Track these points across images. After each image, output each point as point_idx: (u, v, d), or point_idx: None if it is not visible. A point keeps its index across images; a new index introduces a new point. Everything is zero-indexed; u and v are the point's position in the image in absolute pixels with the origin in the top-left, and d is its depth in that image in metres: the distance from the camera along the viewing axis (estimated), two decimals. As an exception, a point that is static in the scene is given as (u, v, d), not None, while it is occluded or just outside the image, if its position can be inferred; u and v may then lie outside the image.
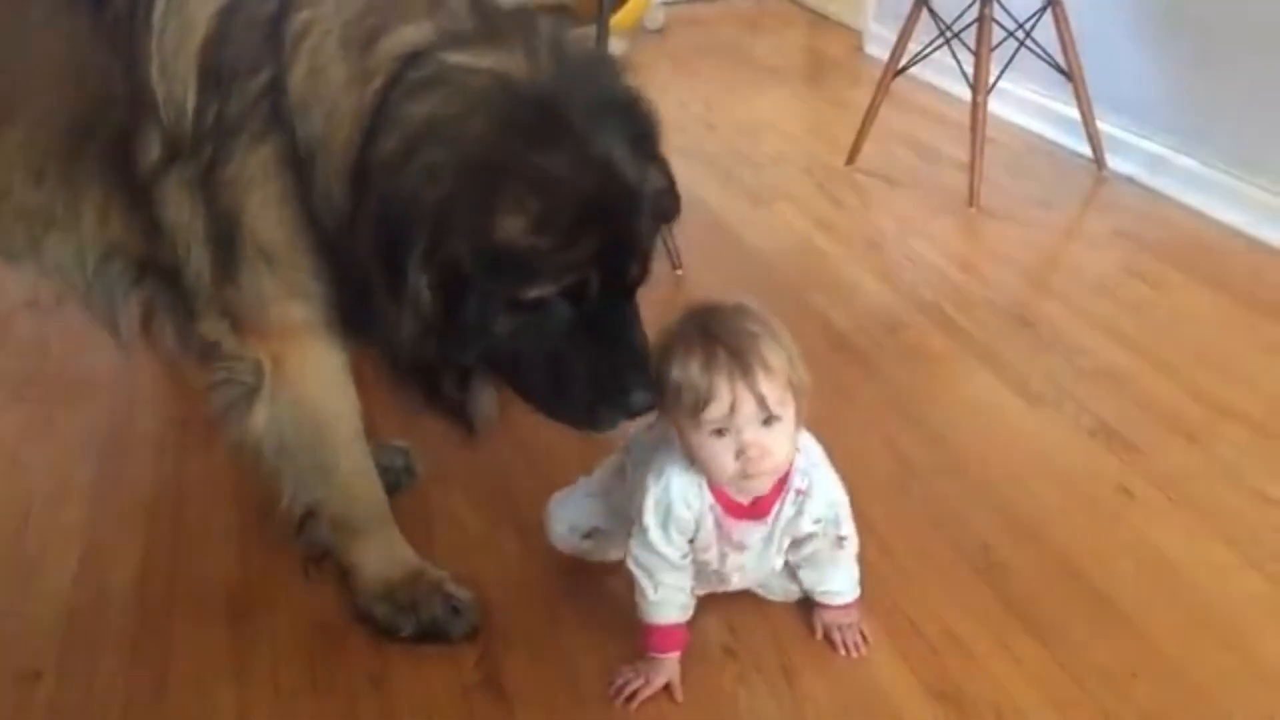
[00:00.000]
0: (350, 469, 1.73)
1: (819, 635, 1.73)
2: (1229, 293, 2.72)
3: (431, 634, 1.73)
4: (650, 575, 1.60)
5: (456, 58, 1.40)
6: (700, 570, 1.65)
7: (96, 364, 2.53)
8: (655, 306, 1.60)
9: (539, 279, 1.43)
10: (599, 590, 1.83)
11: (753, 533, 1.62)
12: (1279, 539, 1.90)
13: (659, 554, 1.59)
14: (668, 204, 1.55)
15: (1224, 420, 2.23)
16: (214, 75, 1.49)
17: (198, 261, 1.57)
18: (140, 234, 1.62)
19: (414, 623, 1.74)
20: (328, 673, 1.71)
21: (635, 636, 1.65)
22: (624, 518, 1.69)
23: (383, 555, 1.79)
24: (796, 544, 1.66)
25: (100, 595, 1.87)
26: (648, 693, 1.62)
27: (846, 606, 1.73)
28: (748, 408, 1.47)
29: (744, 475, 1.51)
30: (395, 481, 1.98)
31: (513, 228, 1.38)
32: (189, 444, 2.25)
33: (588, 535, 1.81)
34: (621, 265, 1.47)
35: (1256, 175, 2.99)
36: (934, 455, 2.16)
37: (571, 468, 2.05)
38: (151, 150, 1.53)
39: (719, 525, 1.60)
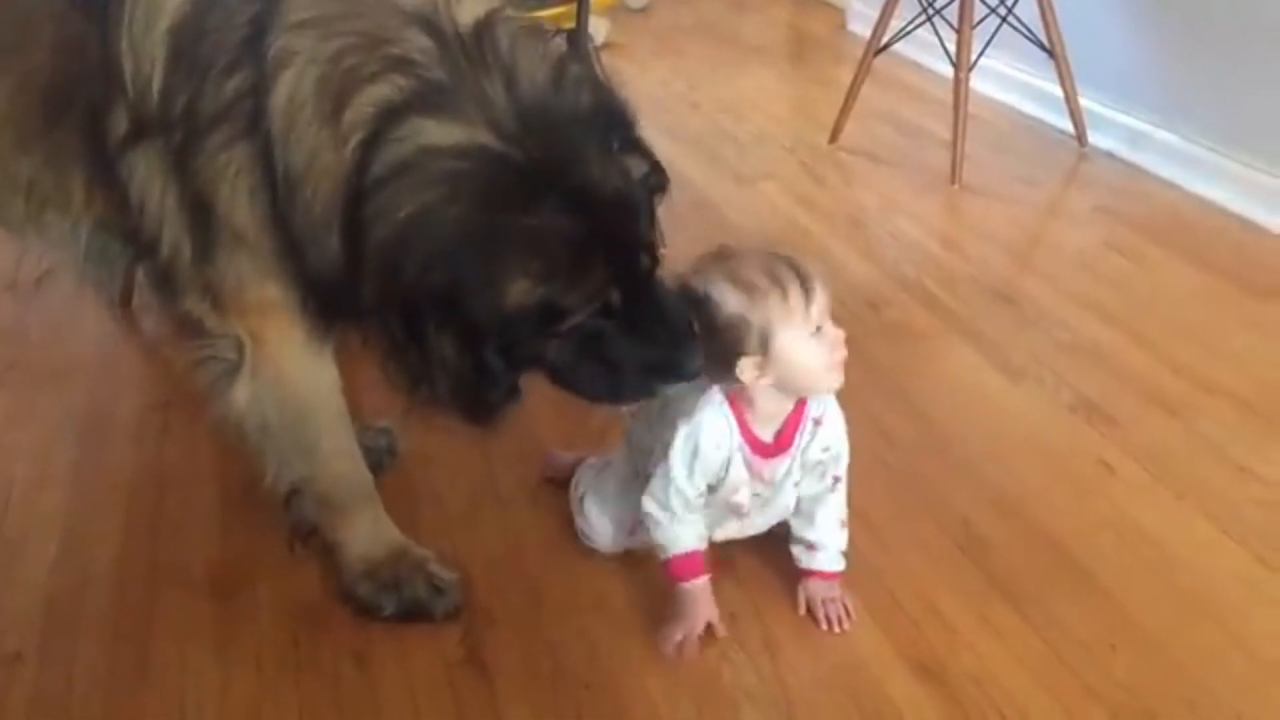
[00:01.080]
0: (333, 447, 1.73)
1: (803, 610, 1.74)
2: (1209, 268, 2.72)
3: (415, 613, 1.74)
4: (667, 509, 1.66)
5: (426, 135, 1.39)
6: (731, 512, 1.74)
7: (77, 348, 2.52)
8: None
9: (562, 318, 1.46)
10: (581, 569, 1.84)
11: (779, 467, 1.70)
12: (1259, 513, 1.92)
13: (680, 490, 1.65)
14: (655, 182, 1.56)
15: (1204, 395, 2.24)
16: (186, 61, 1.48)
17: (174, 239, 1.57)
18: (122, 211, 1.61)
19: (397, 601, 1.74)
20: (311, 651, 1.71)
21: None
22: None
23: (367, 534, 1.79)
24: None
25: (81, 577, 1.87)
26: (695, 638, 1.67)
27: (828, 578, 1.74)
28: (827, 305, 1.62)
29: (834, 367, 1.63)
30: (378, 462, 1.98)
31: (520, 291, 1.41)
32: (170, 426, 2.24)
33: (632, 532, 1.81)
34: (634, 266, 1.49)
35: (1237, 150, 3.00)
36: (916, 431, 2.17)
37: (555, 445, 2.06)
38: (120, 125, 1.53)
39: (748, 465, 1.68)
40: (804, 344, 1.59)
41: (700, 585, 1.69)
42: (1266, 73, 2.89)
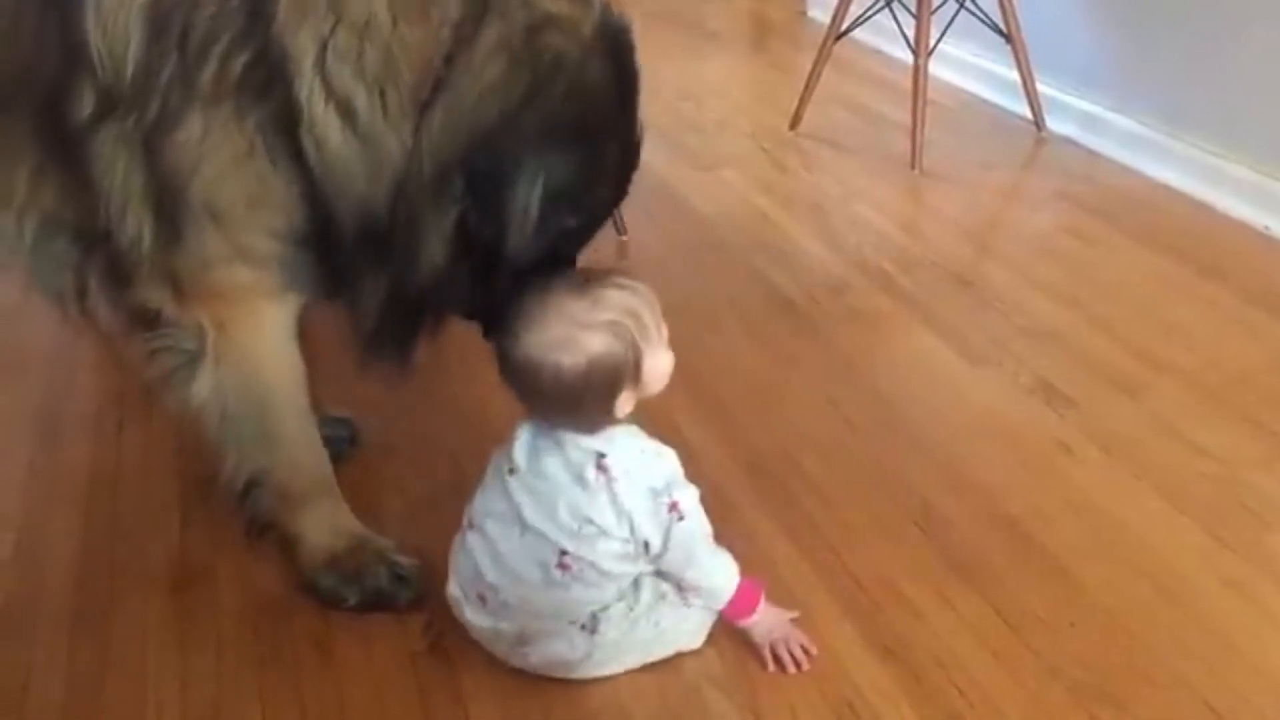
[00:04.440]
0: (294, 436, 1.72)
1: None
2: (1164, 250, 2.76)
3: (377, 603, 1.73)
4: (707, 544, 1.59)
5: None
6: None
7: (29, 340, 2.48)
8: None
9: (586, 210, 1.60)
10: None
11: None
12: (1211, 490, 1.95)
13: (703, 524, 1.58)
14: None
15: (1160, 375, 2.27)
16: (171, 34, 1.47)
17: (135, 224, 1.55)
18: (74, 200, 1.59)
19: (359, 592, 1.73)
20: (273, 643, 1.69)
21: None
22: None
23: (327, 525, 1.78)
24: None
25: (38, 574, 1.84)
26: (796, 643, 1.62)
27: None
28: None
29: None
30: (338, 451, 1.96)
31: (612, 154, 1.58)
32: (126, 418, 2.22)
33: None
34: (614, 207, 1.68)
35: (1188, 133, 3.03)
36: (876, 414, 2.18)
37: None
38: (84, 106, 1.51)
39: None
40: (662, 355, 1.56)
41: (765, 609, 1.63)
42: (1213, 58, 2.93)
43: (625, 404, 1.54)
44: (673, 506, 1.54)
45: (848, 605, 1.73)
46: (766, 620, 1.63)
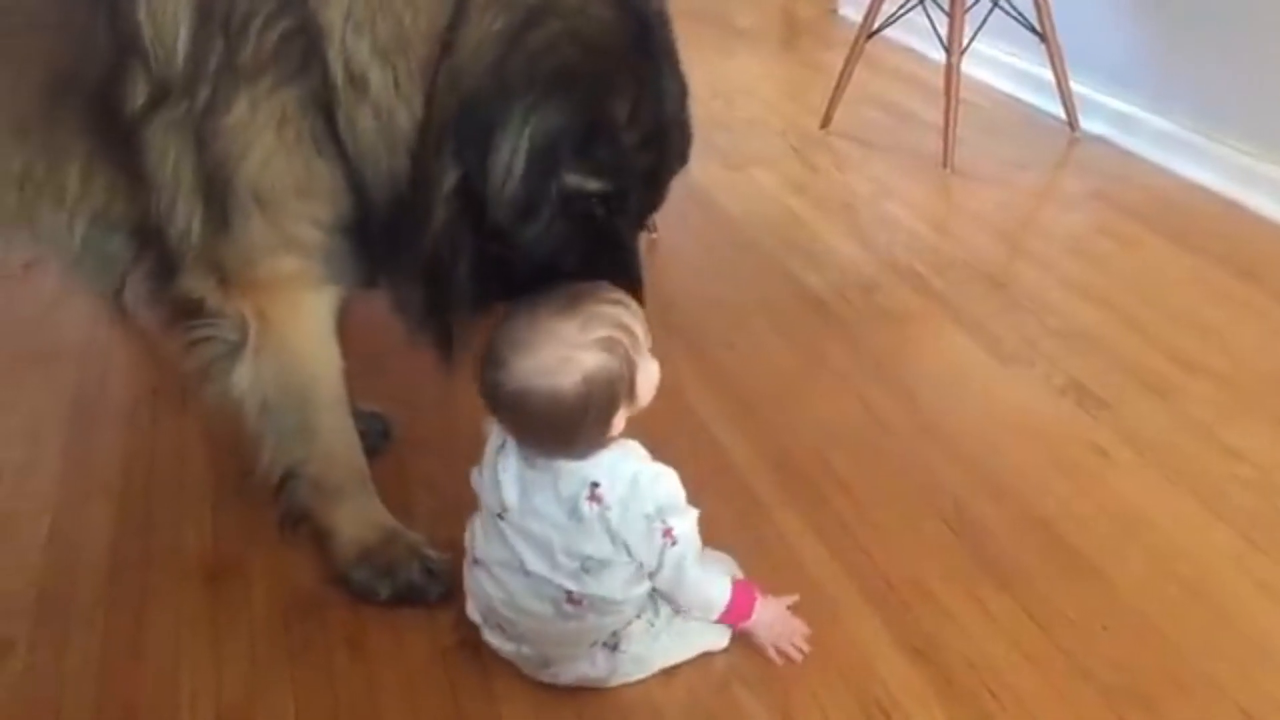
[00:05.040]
0: (332, 429, 1.73)
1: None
2: (1199, 252, 2.73)
3: (408, 597, 1.74)
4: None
5: None
6: None
7: (65, 331, 2.51)
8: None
9: (612, 174, 1.50)
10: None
11: None
12: (1246, 494, 1.93)
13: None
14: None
15: (1193, 377, 2.25)
16: (216, 18, 1.48)
17: (184, 214, 1.56)
18: (123, 195, 1.61)
19: (391, 585, 1.74)
20: (305, 636, 1.71)
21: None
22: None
23: (360, 518, 1.79)
24: None
25: (73, 563, 1.86)
26: (798, 636, 1.63)
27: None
28: None
29: None
30: (371, 446, 1.97)
31: (618, 112, 1.47)
32: (160, 411, 2.24)
33: None
34: (656, 192, 1.56)
35: (1225, 134, 3.00)
36: (907, 414, 2.17)
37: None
38: (136, 95, 1.52)
39: None
40: (653, 367, 1.53)
41: (763, 602, 1.62)
42: (1249, 58, 2.90)
43: (620, 422, 1.50)
44: (666, 533, 1.50)
45: (878, 605, 1.72)
46: (765, 618, 1.62)
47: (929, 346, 2.45)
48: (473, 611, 1.64)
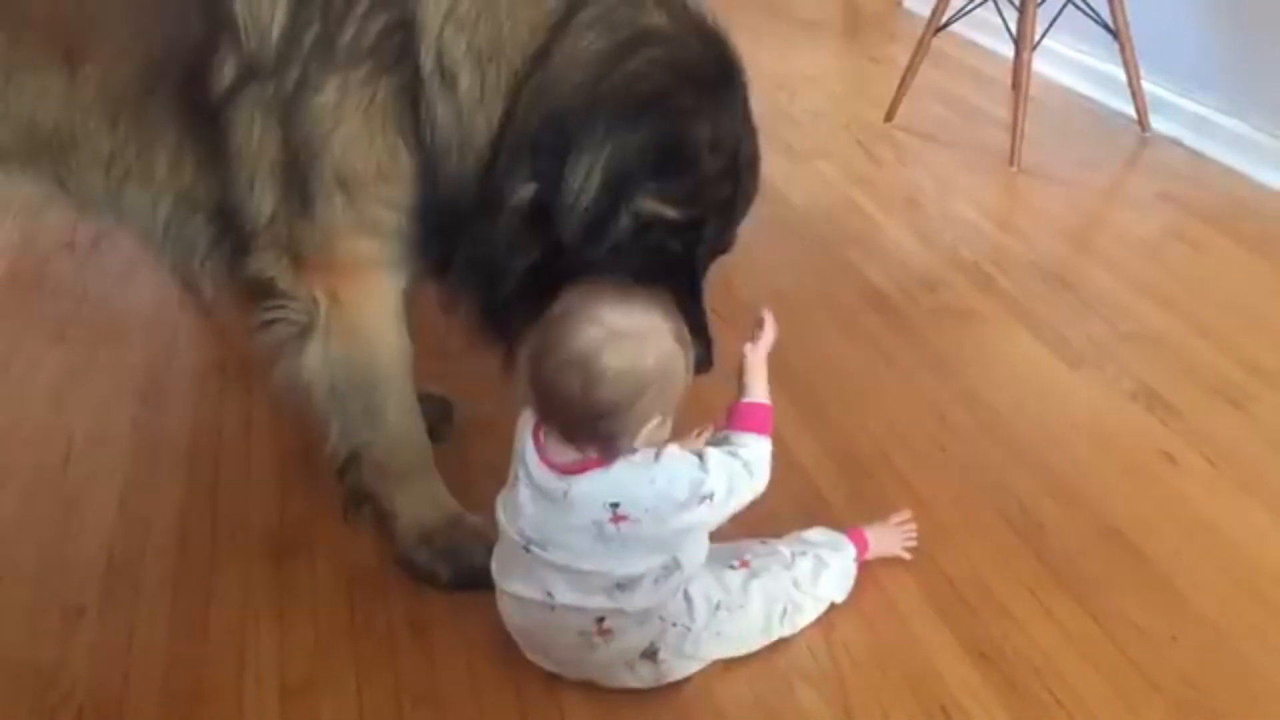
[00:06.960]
0: (398, 412, 1.74)
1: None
2: (1272, 257, 2.68)
3: (469, 580, 1.73)
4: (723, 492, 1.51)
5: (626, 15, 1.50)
6: None
7: (134, 306, 2.55)
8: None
9: (689, 203, 1.53)
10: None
11: None
12: (1321, 506, 1.89)
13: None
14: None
15: (1266, 385, 2.21)
16: (315, 2, 1.50)
17: (264, 193, 1.58)
18: (209, 176, 1.62)
19: (453, 569, 1.75)
20: (367, 616, 1.72)
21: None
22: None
23: (423, 501, 1.80)
24: None
25: (142, 534, 1.89)
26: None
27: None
28: None
29: None
30: (433, 431, 1.98)
31: (702, 141, 1.50)
32: (227, 387, 2.26)
33: None
34: (730, 225, 1.57)
35: (1305, 139, 2.94)
36: (973, 415, 2.15)
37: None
38: (225, 76, 1.54)
39: None
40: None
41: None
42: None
43: (648, 431, 1.45)
44: (702, 500, 1.48)
45: (941, 607, 1.71)
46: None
47: (994, 346, 2.42)
48: (511, 631, 1.62)
